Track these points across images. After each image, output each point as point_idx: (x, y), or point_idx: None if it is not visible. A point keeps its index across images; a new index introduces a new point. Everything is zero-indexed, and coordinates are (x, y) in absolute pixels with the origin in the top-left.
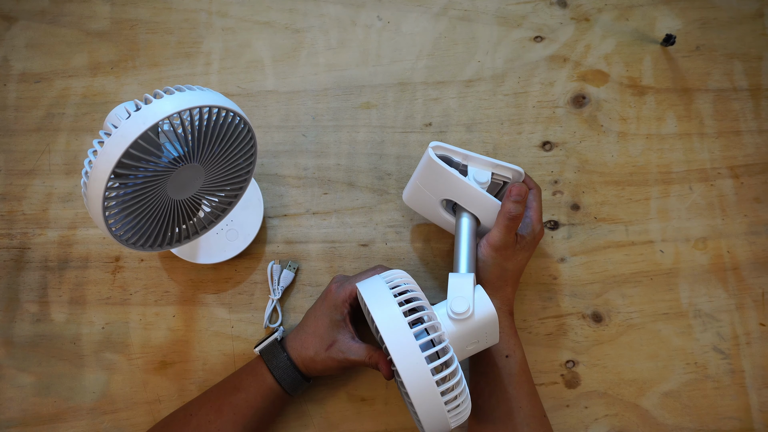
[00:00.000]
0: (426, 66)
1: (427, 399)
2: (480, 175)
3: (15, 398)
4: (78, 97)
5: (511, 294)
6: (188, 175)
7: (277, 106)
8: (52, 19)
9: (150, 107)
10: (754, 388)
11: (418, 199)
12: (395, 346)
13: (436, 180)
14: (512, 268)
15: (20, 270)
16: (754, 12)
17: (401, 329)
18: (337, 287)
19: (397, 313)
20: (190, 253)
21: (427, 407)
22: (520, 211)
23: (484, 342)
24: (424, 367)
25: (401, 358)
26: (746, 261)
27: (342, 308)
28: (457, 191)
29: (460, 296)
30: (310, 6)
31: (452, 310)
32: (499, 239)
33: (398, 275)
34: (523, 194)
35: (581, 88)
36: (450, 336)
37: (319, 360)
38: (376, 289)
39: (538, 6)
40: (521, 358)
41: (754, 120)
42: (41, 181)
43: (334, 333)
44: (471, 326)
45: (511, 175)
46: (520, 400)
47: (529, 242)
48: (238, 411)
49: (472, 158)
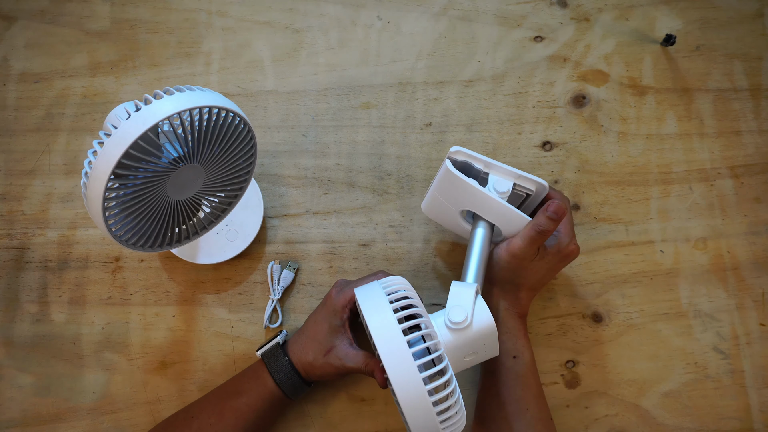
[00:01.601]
0: (426, 66)
1: (418, 408)
2: (500, 184)
3: (15, 398)
4: (78, 97)
5: (524, 299)
6: (188, 176)
7: (277, 106)
8: (52, 18)
9: (150, 108)
10: (754, 388)
11: (437, 210)
12: (387, 352)
13: (455, 191)
14: (527, 276)
15: (20, 270)
16: (754, 12)
17: (394, 336)
18: (337, 292)
19: (391, 320)
20: (190, 254)
21: (418, 417)
22: (550, 227)
23: (482, 353)
24: (415, 376)
25: (392, 365)
26: (746, 261)
27: (341, 314)
28: (477, 202)
29: (459, 306)
30: (310, 6)
31: (449, 320)
32: (519, 248)
33: (397, 282)
34: (561, 213)
35: (581, 88)
36: (446, 345)
37: (317, 365)
38: (373, 294)
39: (538, 6)
40: (529, 361)
41: (754, 120)
42: (41, 181)
43: (332, 339)
44: (468, 337)
45: (535, 187)
46: (527, 401)
47: (551, 255)
48: (240, 415)
49: (495, 167)
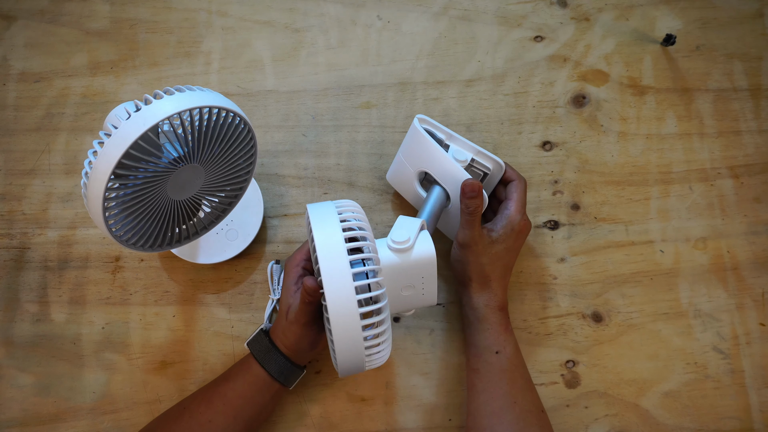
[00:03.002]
0: (426, 66)
1: (348, 330)
2: (460, 154)
3: (15, 398)
4: (77, 96)
5: (498, 289)
6: (188, 176)
7: (277, 105)
8: (52, 18)
9: (150, 108)
10: (754, 388)
11: (398, 174)
12: (327, 268)
13: (417, 150)
14: (489, 262)
15: (20, 270)
16: (754, 12)
17: (337, 251)
18: (289, 257)
19: (338, 237)
20: (190, 253)
21: (346, 340)
22: (475, 204)
23: (420, 290)
24: (351, 298)
25: (331, 284)
26: (746, 261)
27: (293, 273)
28: (434, 163)
29: (403, 229)
30: (310, 5)
31: (392, 239)
32: (464, 235)
33: (349, 205)
34: (477, 189)
35: (581, 88)
36: (385, 266)
37: (287, 331)
38: (324, 211)
39: (538, 6)
40: (512, 354)
41: (754, 120)
42: (41, 180)
43: (288, 299)
44: (408, 261)
45: (492, 165)
46: (514, 395)
47: (504, 234)
48: (227, 401)
49: (456, 139)
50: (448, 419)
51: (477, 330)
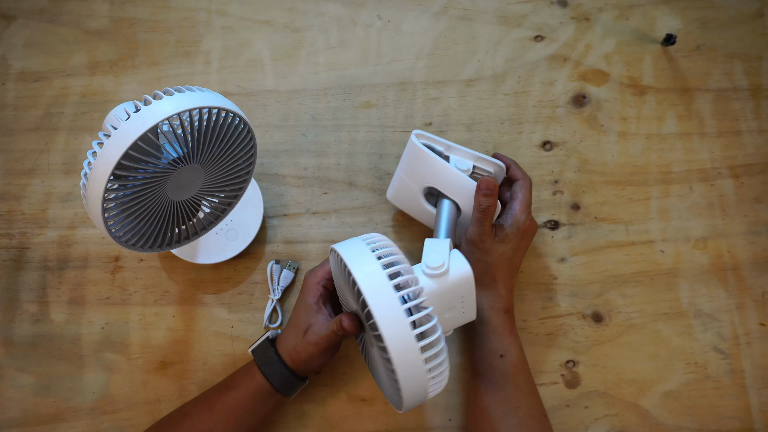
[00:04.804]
0: (426, 65)
1: (410, 363)
2: (462, 163)
3: (15, 398)
4: (77, 96)
5: (503, 291)
6: (188, 176)
7: (276, 105)
8: (51, 17)
9: (149, 108)
10: (754, 388)
11: (401, 193)
12: (379, 307)
13: (419, 167)
14: (495, 262)
15: (20, 270)
16: (754, 12)
17: (380, 282)
18: (309, 272)
19: (376, 267)
20: (190, 253)
21: (410, 373)
22: (490, 203)
23: (460, 309)
24: (408, 330)
25: (384, 319)
26: (746, 261)
27: (314, 291)
28: (440, 177)
29: (435, 253)
30: (310, 5)
31: (427, 265)
32: (472, 232)
33: (377, 237)
34: (492, 187)
35: (581, 88)
36: (427, 295)
37: (300, 349)
38: (354, 247)
39: (539, 5)
40: (517, 358)
41: (754, 120)
42: (40, 180)
43: (308, 318)
44: (446, 284)
45: (493, 169)
46: (518, 399)
47: (511, 234)
48: (230, 410)
49: (455, 149)
50: (448, 419)
51: (481, 332)
